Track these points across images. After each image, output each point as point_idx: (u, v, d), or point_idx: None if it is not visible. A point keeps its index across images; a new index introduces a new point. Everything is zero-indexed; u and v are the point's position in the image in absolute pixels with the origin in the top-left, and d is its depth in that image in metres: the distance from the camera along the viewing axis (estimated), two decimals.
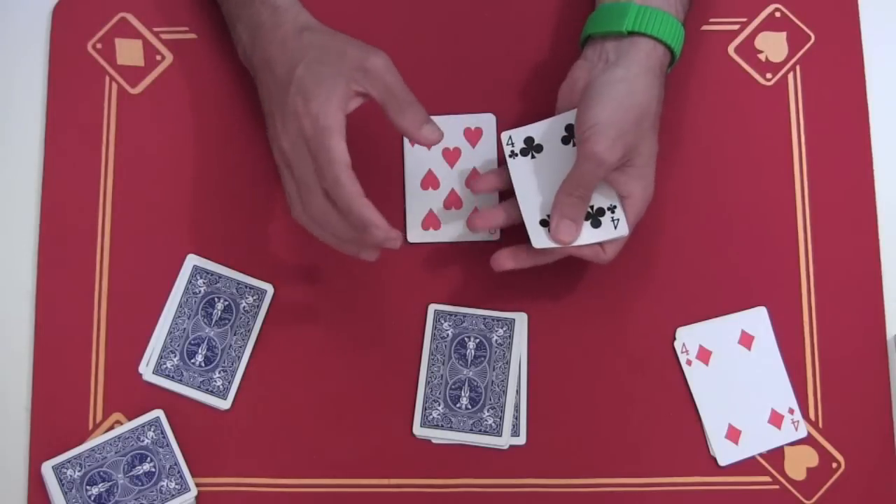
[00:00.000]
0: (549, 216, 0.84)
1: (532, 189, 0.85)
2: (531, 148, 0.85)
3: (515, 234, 0.87)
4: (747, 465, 0.88)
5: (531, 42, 0.95)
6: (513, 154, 0.86)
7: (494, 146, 0.92)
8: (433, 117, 0.80)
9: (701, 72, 0.94)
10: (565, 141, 0.85)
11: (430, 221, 0.92)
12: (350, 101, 0.80)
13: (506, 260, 0.86)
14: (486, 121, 0.93)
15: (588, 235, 0.84)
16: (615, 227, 0.84)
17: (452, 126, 0.92)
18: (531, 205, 0.85)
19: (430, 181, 0.92)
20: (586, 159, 0.81)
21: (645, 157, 0.83)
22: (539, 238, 0.84)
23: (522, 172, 0.85)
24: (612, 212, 0.84)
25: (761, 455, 0.88)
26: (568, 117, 0.85)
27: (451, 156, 0.93)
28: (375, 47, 0.81)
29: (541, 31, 0.95)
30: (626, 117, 0.81)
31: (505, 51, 0.95)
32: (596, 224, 0.84)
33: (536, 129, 0.86)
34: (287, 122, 0.80)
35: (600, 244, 0.85)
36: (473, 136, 0.93)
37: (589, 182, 0.82)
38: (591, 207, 0.84)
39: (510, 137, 0.86)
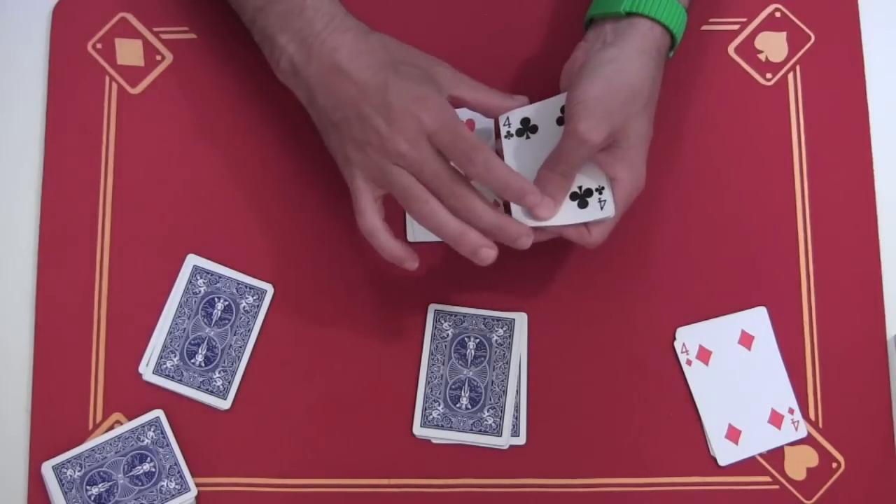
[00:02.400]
0: None
1: (524, 168, 0.84)
2: (526, 128, 0.85)
3: None
4: (747, 465, 0.88)
5: (529, 37, 0.95)
6: (508, 135, 0.85)
7: (493, 141, 0.92)
8: None
9: (701, 72, 0.94)
10: (560, 122, 0.84)
11: None
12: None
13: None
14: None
15: (574, 215, 0.83)
16: (601, 209, 0.82)
17: None
18: None
19: None
20: (570, 136, 0.79)
21: (632, 139, 0.82)
22: (519, 215, 0.83)
23: (516, 152, 0.85)
24: (600, 193, 0.83)
25: (761, 455, 0.88)
26: (563, 99, 0.84)
27: None
28: (438, 65, 0.83)
29: (540, 25, 0.95)
30: (615, 97, 0.80)
31: (503, 44, 0.94)
32: (583, 204, 0.83)
33: (532, 111, 0.85)
34: (398, 123, 0.79)
35: (586, 225, 0.84)
36: (470, 128, 0.93)
37: (571, 159, 0.80)
38: (580, 188, 0.83)
39: (507, 118, 0.85)
